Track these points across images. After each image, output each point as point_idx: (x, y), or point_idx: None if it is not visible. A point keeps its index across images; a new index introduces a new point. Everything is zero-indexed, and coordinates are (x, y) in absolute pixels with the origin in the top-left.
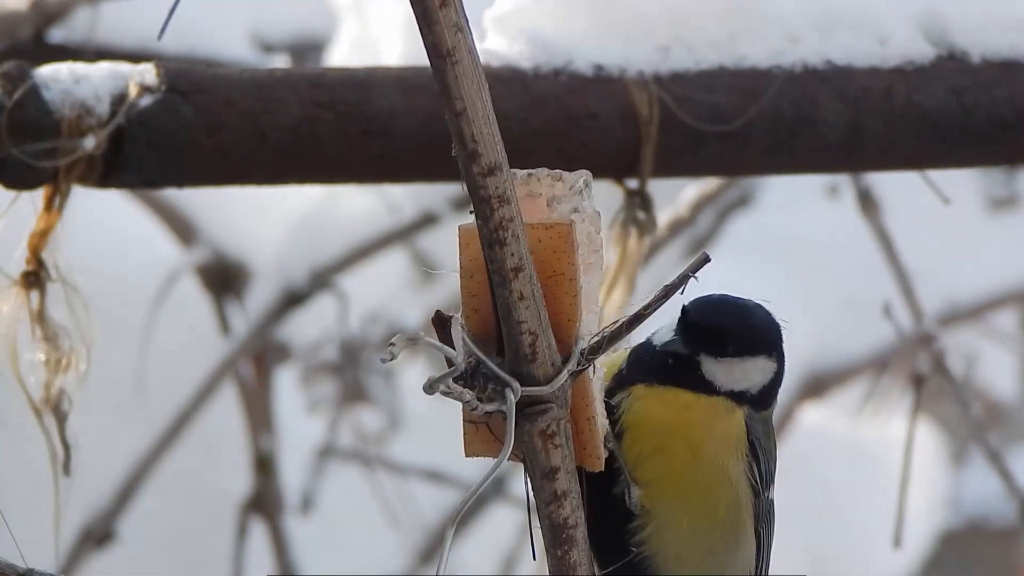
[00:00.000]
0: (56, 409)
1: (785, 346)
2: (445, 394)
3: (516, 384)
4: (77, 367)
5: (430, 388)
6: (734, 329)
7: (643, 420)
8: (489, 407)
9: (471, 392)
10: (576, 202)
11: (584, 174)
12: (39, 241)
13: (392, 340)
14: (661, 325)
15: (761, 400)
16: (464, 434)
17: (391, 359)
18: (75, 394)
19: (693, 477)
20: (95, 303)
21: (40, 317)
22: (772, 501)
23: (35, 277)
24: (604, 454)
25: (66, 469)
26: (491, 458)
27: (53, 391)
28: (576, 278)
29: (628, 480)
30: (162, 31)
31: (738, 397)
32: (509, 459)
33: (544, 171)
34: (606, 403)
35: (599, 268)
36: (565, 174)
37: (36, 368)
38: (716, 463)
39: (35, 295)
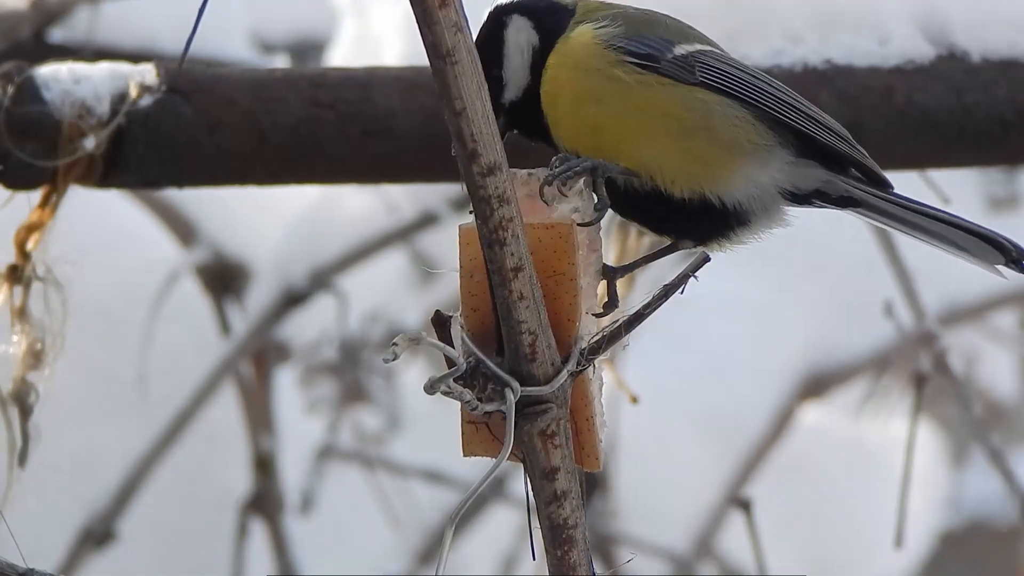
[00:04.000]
0: (21, 402)
1: None
2: (446, 394)
3: (516, 384)
4: (48, 362)
5: (431, 388)
6: None
7: (551, 100)
8: (489, 407)
9: (471, 392)
10: (576, 202)
11: (584, 175)
12: (26, 236)
13: (394, 340)
14: None
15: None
16: (463, 434)
17: (394, 359)
18: (43, 388)
19: (603, 109)
20: (95, 303)
21: (20, 312)
22: (694, 52)
23: (20, 272)
24: (603, 455)
25: (22, 461)
26: (490, 458)
27: (21, 384)
28: (576, 278)
29: (611, 166)
30: (182, 59)
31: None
32: (509, 459)
33: (544, 171)
34: None
35: (597, 268)
36: None
37: (8, 361)
38: (601, 76)
39: (18, 290)
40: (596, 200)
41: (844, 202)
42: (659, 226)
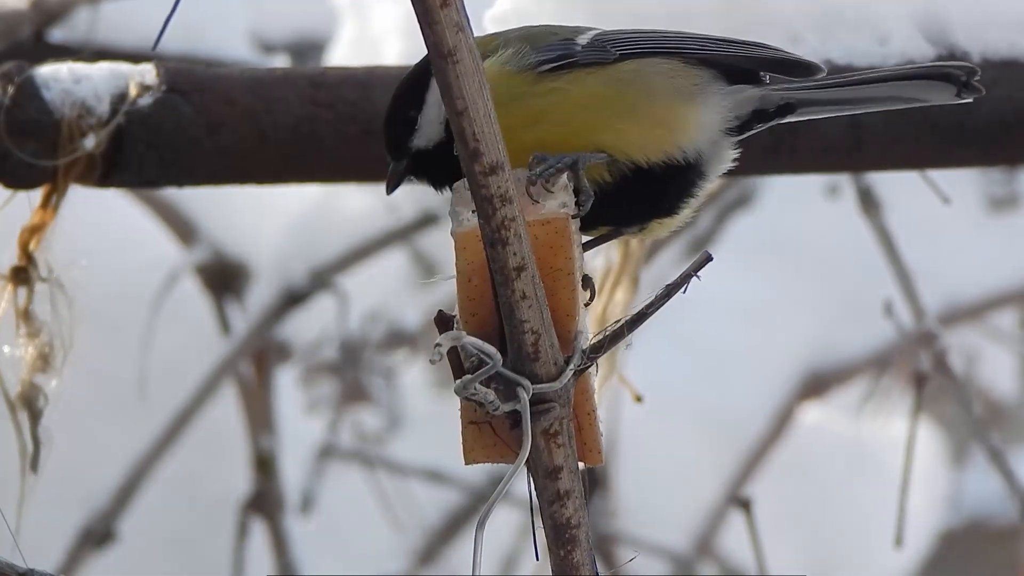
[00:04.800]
0: (31, 406)
1: None
2: (471, 396)
3: (527, 383)
4: (56, 365)
5: (463, 389)
6: None
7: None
8: (507, 407)
9: (493, 393)
10: (562, 196)
11: (565, 171)
12: (29, 237)
13: (437, 341)
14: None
15: None
16: (464, 441)
17: (440, 359)
18: (51, 392)
19: (544, 126)
20: (95, 303)
21: (25, 313)
22: (596, 36)
23: (24, 273)
24: (604, 449)
25: (34, 466)
26: (490, 464)
27: (29, 388)
28: (574, 272)
29: (590, 155)
30: (158, 40)
31: None
32: (511, 461)
33: (522, 171)
34: None
35: (581, 263)
36: None
37: (15, 363)
38: (530, 96)
39: (23, 291)
40: (580, 192)
41: (783, 111)
42: (629, 216)
